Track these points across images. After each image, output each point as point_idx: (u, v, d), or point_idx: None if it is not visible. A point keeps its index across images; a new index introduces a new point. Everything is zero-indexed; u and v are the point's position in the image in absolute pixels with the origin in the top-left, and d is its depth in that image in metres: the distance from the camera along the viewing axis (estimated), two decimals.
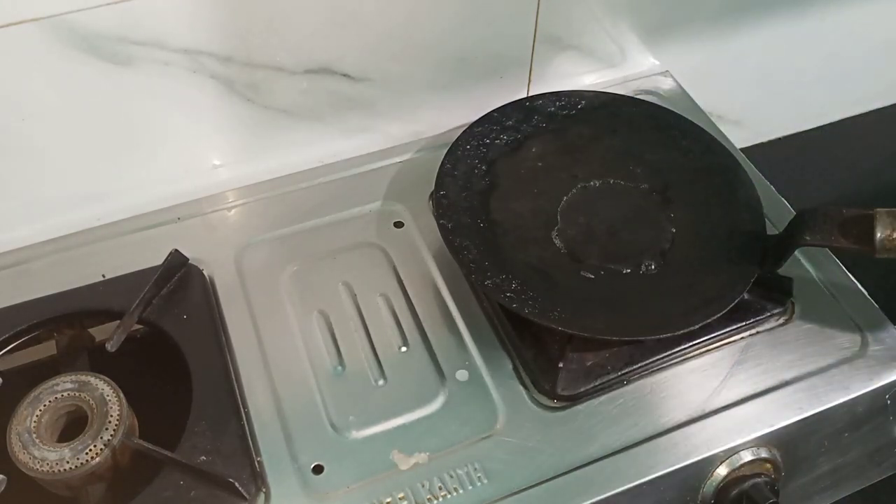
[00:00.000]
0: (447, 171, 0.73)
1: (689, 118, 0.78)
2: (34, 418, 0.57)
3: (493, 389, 0.63)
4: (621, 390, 0.63)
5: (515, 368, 0.64)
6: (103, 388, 0.58)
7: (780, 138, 1.05)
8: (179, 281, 0.68)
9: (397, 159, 0.80)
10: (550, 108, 0.79)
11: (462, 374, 0.64)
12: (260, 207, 0.77)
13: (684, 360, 0.65)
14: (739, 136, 0.88)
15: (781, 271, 0.67)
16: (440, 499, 0.57)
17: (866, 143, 1.14)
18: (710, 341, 0.65)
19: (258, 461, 0.59)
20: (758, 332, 0.66)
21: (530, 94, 0.85)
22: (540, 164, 0.77)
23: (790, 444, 0.62)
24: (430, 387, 0.63)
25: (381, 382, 0.63)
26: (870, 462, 0.69)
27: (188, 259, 0.70)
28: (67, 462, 0.55)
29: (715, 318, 0.63)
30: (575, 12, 0.80)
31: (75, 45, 0.63)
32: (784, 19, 0.92)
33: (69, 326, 0.65)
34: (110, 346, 0.62)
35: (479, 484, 0.58)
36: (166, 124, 0.72)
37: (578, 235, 0.71)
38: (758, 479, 0.60)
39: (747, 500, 0.60)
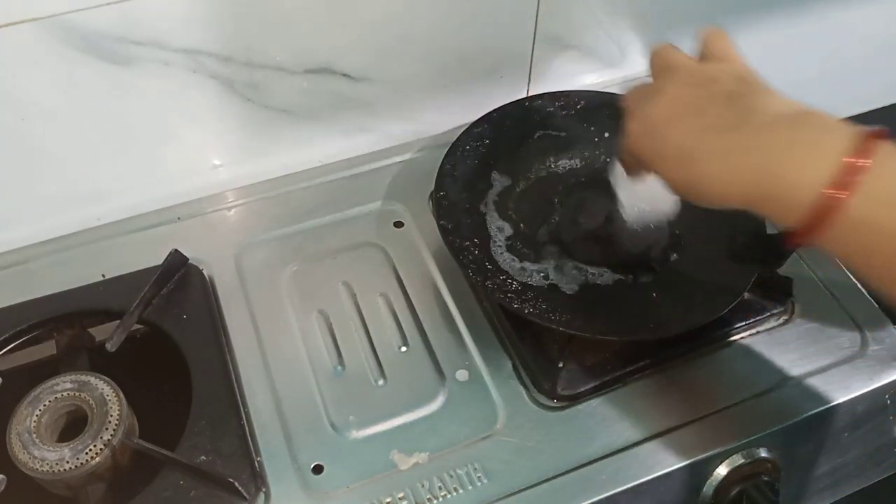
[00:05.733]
0: (447, 171, 0.73)
1: None
2: (34, 418, 0.56)
3: (493, 389, 0.63)
4: (621, 390, 0.63)
5: (515, 368, 0.64)
6: (103, 388, 0.58)
7: None
8: (179, 281, 0.68)
9: (397, 159, 0.80)
10: (550, 108, 0.79)
11: (462, 374, 0.64)
12: (260, 207, 0.77)
13: (684, 360, 0.65)
14: None
15: (781, 271, 0.67)
16: (440, 499, 0.57)
17: None
18: (709, 341, 0.65)
19: (258, 461, 0.59)
20: (758, 332, 0.66)
21: (530, 94, 0.85)
22: (540, 164, 0.77)
23: (790, 444, 0.62)
24: (430, 387, 0.63)
25: (381, 382, 0.63)
26: (870, 462, 0.69)
27: (188, 259, 0.70)
28: (67, 462, 0.55)
29: (715, 318, 0.63)
30: (575, 12, 0.80)
31: (75, 45, 0.63)
32: (784, 19, 0.92)
33: (69, 326, 0.65)
34: (110, 346, 0.62)
35: (479, 484, 0.58)
36: (166, 124, 0.72)
37: (578, 236, 0.71)
38: (758, 479, 0.60)
39: (747, 500, 0.60)
